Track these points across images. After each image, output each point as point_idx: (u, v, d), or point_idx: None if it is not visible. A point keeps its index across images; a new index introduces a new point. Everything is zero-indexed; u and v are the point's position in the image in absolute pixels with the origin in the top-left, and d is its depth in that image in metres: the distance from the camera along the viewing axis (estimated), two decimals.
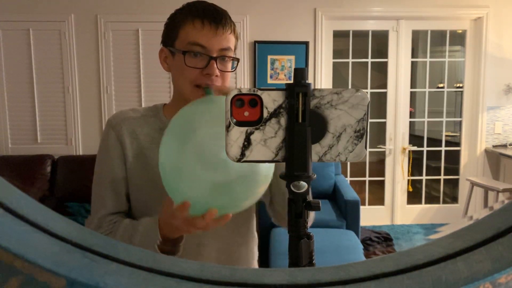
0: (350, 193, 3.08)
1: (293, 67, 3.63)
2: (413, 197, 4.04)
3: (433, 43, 3.86)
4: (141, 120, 0.93)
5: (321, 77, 3.69)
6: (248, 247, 0.99)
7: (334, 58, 3.79)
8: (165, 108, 0.96)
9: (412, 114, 4.26)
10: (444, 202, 4.06)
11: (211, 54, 0.83)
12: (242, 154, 0.43)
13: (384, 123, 3.90)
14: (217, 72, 0.84)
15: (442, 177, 4.01)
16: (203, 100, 0.76)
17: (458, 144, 3.99)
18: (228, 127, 0.42)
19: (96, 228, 0.89)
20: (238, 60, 0.89)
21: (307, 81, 0.42)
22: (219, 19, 0.83)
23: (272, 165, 0.72)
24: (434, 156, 4.01)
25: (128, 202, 0.93)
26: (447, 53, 3.89)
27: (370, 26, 3.79)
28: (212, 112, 0.71)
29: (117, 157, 0.90)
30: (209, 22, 0.82)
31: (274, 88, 0.43)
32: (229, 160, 0.43)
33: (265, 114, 0.42)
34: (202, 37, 0.82)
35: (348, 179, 4.00)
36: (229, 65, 0.87)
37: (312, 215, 0.95)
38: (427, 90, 3.92)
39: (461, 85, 3.96)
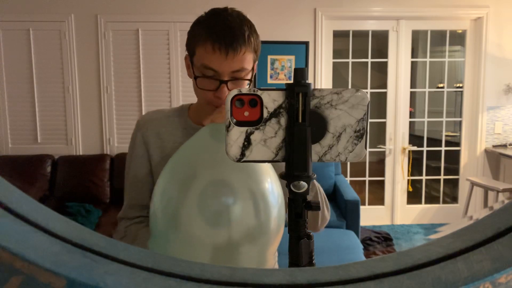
0: (350, 193, 3.08)
1: (293, 67, 3.62)
2: (413, 197, 4.04)
3: (433, 43, 3.86)
4: (165, 121, 0.97)
5: (321, 77, 3.69)
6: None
7: (334, 58, 3.79)
8: (191, 108, 0.99)
9: (412, 114, 4.26)
10: (444, 202, 4.06)
11: (222, 78, 0.83)
12: (242, 154, 0.43)
13: (384, 123, 3.90)
14: None
15: (442, 177, 4.01)
16: (208, 136, 0.74)
17: (458, 144, 3.99)
18: (228, 127, 0.42)
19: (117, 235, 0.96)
20: (251, 80, 0.88)
21: (307, 81, 0.42)
22: (230, 42, 0.81)
23: (283, 214, 0.70)
24: (434, 156, 4.01)
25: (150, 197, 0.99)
26: (447, 53, 3.89)
27: (370, 26, 3.79)
28: (215, 153, 0.69)
29: (141, 156, 0.96)
30: (219, 47, 0.81)
31: (274, 88, 0.43)
32: (233, 215, 0.40)
33: (265, 114, 0.42)
34: (213, 62, 0.82)
35: (348, 179, 4.00)
36: (243, 85, 0.87)
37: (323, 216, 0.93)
38: (427, 90, 3.92)
39: (461, 85, 3.96)
